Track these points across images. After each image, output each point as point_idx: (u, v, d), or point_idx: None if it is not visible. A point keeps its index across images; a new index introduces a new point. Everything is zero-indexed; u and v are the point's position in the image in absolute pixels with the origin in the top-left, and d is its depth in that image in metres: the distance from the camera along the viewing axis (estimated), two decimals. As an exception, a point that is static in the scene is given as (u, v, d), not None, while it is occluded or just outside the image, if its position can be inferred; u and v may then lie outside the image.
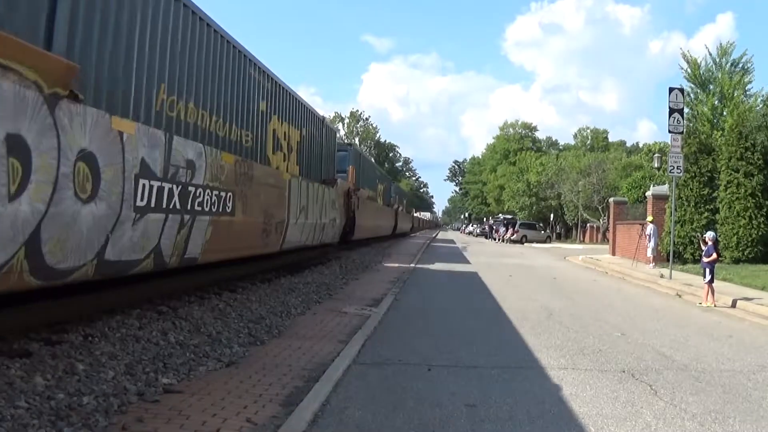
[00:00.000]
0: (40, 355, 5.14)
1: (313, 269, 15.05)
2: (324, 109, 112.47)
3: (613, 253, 28.22)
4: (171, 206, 7.09)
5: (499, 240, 50.71)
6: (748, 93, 29.73)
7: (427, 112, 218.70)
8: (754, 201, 19.47)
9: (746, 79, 29.68)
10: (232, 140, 9.46)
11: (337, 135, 19.42)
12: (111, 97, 6.11)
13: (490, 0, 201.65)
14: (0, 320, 5.29)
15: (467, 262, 23.17)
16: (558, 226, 61.10)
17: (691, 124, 27.76)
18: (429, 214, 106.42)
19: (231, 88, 9.41)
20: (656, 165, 26.66)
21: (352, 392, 5.08)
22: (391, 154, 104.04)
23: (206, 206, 8.02)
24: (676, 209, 18.96)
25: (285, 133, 12.47)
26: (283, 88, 12.27)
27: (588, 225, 52.52)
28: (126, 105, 6.39)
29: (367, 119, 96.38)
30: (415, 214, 75.43)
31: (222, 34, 8.96)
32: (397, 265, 19.25)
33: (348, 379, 5.46)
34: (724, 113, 29.03)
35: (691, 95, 30.14)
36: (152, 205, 6.66)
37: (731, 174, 19.98)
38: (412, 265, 19.50)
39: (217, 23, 8.76)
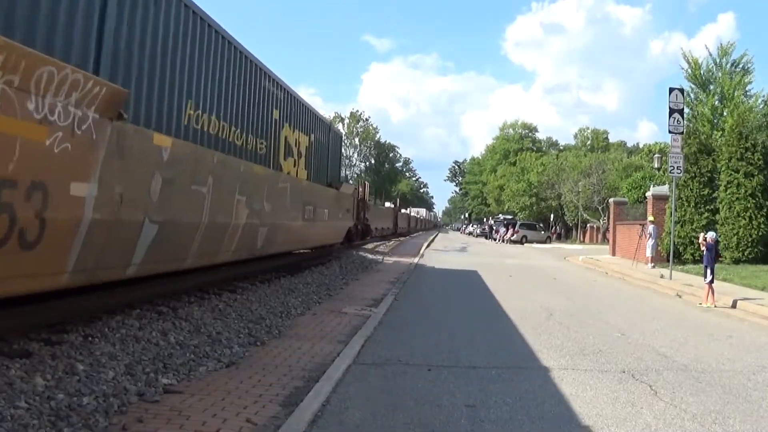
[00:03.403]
0: (40, 355, 5.14)
1: (313, 269, 15.04)
2: (324, 109, 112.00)
3: (613, 254, 28.21)
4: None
5: (499, 240, 50.68)
6: (748, 93, 29.70)
7: (427, 112, 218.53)
8: (754, 201, 19.47)
9: (746, 80, 29.64)
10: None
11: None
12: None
13: (490, 0, 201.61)
14: (0, 320, 5.29)
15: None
16: (558, 227, 61.09)
17: (692, 125, 27.71)
18: (425, 211, 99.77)
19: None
20: (656, 165, 26.68)
21: (353, 392, 5.08)
22: (391, 155, 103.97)
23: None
24: (676, 209, 18.96)
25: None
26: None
27: (588, 225, 52.52)
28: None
29: (367, 119, 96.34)
30: (404, 211, 64.48)
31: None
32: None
33: (348, 380, 5.46)
34: (725, 113, 29.00)
35: (692, 95, 30.10)
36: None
37: (731, 174, 19.98)
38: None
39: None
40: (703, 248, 12.35)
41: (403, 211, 63.45)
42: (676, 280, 15.47)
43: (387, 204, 56.13)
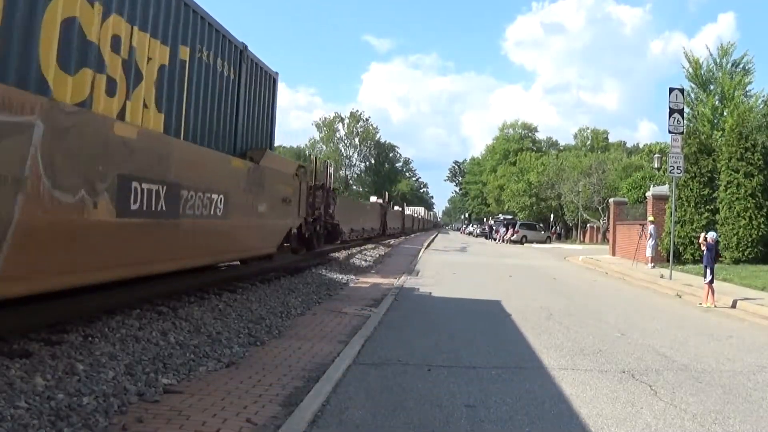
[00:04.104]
0: (40, 355, 5.14)
1: (313, 270, 15.05)
2: (324, 109, 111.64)
3: (613, 254, 28.22)
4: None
5: (499, 240, 50.70)
6: (748, 93, 29.75)
7: (427, 112, 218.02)
8: (754, 201, 19.49)
9: (747, 80, 29.70)
10: None
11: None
12: None
13: (490, 0, 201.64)
14: (0, 320, 5.29)
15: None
16: (558, 227, 61.13)
17: (692, 125, 27.77)
18: (423, 210, 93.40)
19: None
20: (656, 165, 26.69)
21: (352, 392, 5.08)
22: (391, 155, 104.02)
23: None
24: (676, 209, 18.97)
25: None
26: None
27: (588, 225, 52.56)
28: None
29: (367, 120, 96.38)
30: (397, 208, 55.37)
31: None
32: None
33: (348, 380, 5.46)
34: (725, 113, 29.03)
35: (692, 95, 30.14)
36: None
37: (731, 174, 19.99)
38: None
39: None
40: (703, 248, 12.35)
41: (396, 208, 55.53)
42: (676, 280, 15.47)
43: (373, 198, 47.61)
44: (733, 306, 11.57)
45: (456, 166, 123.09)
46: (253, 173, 9.99)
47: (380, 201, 43.07)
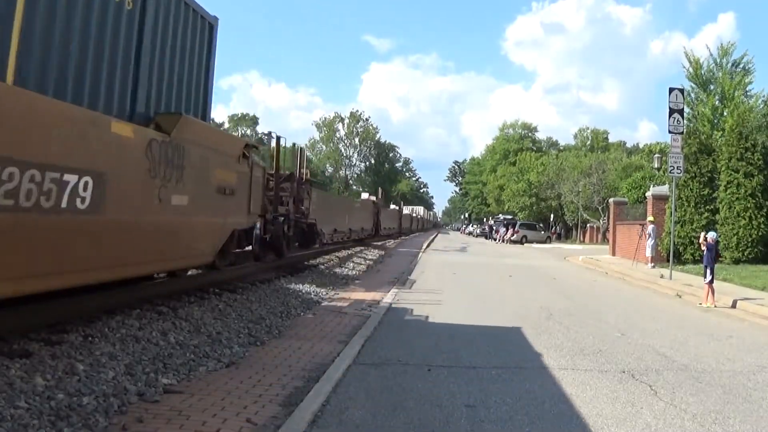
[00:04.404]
0: (40, 355, 5.14)
1: (313, 270, 15.05)
2: (324, 109, 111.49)
3: (613, 254, 28.22)
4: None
5: (499, 240, 50.70)
6: (748, 93, 29.73)
7: (427, 112, 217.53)
8: (754, 201, 19.50)
9: (747, 80, 29.68)
10: None
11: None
12: None
13: (490, 0, 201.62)
14: (0, 320, 5.29)
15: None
16: (558, 227, 61.15)
17: (692, 125, 27.77)
18: (422, 210, 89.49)
19: None
20: (656, 165, 26.70)
21: (352, 392, 5.08)
22: (391, 155, 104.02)
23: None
24: (676, 209, 18.97)
25: None
26: None
27: (588, 225, 52.57)
28: None
29: (367, 120, 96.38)
30: (393, 207, 51.98)
31: None
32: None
33: (348, 380, 5.46)
34: (725, 113, 29.02)
35: (692, 95, 30.14)
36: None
37: (731, 174, 20.00)
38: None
39: None
40: (703, 248, 12.36)
41: (392, 206, 51.90)
42: (676, 280, 15.47)
43: (364, 195, 43.05)
44: (733, 306, 11.57)
45: (456, 166, 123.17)
46: (160, 148, 6.85)
47: (373, 198, 38.27)
